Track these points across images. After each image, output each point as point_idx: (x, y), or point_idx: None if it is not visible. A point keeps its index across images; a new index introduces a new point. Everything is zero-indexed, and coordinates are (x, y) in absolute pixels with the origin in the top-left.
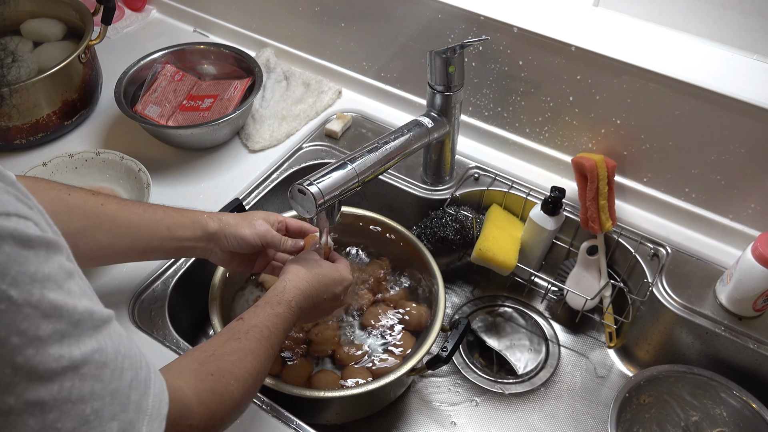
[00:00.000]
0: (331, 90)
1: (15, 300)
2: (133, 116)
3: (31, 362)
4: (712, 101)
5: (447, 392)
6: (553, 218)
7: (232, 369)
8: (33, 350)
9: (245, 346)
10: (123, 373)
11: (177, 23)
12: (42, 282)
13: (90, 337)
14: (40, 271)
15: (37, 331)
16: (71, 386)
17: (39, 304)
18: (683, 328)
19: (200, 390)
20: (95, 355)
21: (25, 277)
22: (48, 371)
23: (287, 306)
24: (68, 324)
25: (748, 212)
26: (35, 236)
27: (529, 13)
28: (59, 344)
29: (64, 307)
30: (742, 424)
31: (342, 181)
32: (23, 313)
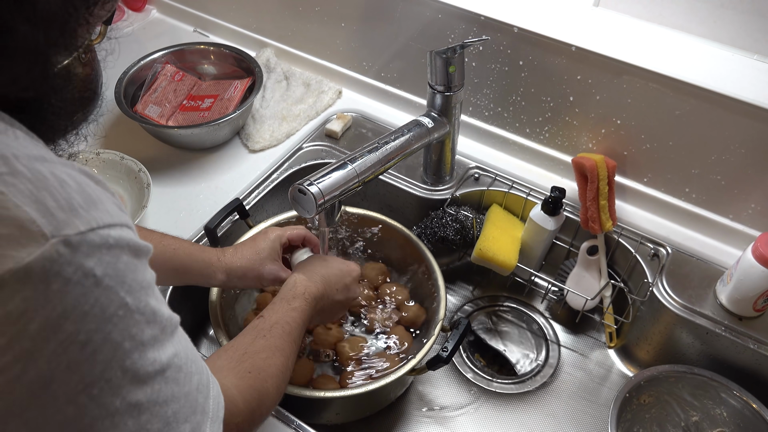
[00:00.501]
0: (332, 90)
1: (130, 306)
2: (133, 116)
3: (136, 365)
4: (712, 101)
5: (447, 392)
6: (553, 218)
7: (265, 366)
8: (138, 354)
9: (272, 343)
10: (192, 377)
11: (177, 23)
12: (146, 289)
13: (169, 342)
14: (145, 278)
15: (142, 336)
16: (159, 389)
17: (145, 311)
18: (683, 328)
19: (243, 388)
20: (175, 359)
21: (136, 284)
22: (146, 374)
23: (302, 299)
24: (159, 329)
25: (748, 212)
26: (143, 245)
27: (529, 13)
28: (153, 348)
29: (158, 312)
30: (743, 424)
31: (342, 181)
32: (134, 319)
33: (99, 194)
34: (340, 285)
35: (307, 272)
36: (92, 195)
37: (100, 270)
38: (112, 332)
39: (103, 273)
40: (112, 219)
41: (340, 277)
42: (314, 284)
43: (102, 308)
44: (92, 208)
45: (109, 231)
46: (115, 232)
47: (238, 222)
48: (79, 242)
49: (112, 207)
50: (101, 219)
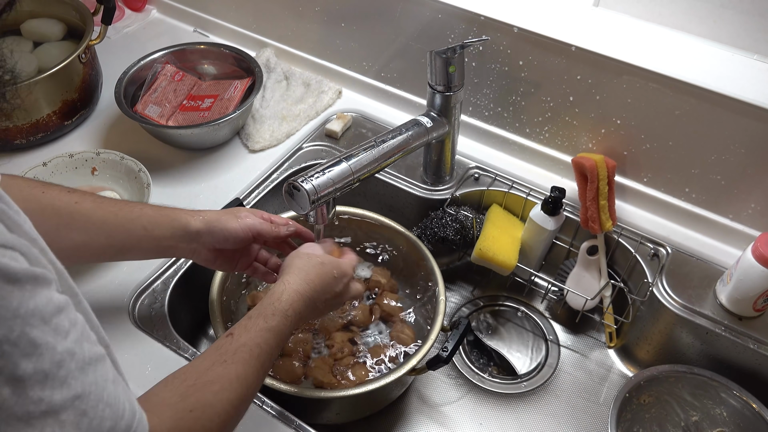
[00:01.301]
0: (331, 90)
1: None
2: (133, 116)
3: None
4: (712, 101)
5: (447, 392)
6: (553, 218)
7: (214, 402)
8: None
9: (231, 371)
10: (102, 423)
11: (177, 23)
12: (24, 318)
13: (74, 380)
14: (23, 306)
15: (15, 371)
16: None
17: (18, 342)
18: (683, 328)
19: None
20: (75, 402)
21: (7, 312)
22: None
23: (283, 316)
24: (50, 363)
25: (748, 212)
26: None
27: (529, 13)
28: (41, 386)
29: (45, 346)
30: (743, 424)
31: (337, 179)
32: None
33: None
34: (330, 294)
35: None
36: None
37: None
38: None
39: None
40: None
41: (332, 285)
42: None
43: None
44: None
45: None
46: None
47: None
48: None
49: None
50: None
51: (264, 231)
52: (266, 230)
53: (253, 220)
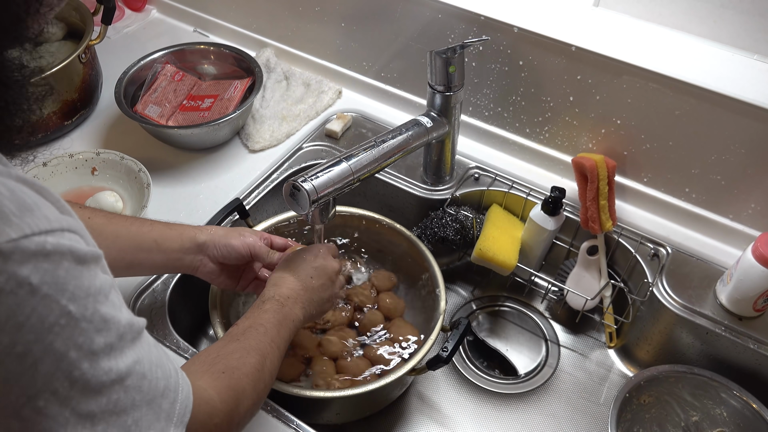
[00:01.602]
0: (331, 90)
1: (74, 315)
2: (133, 116)
3: (86, 376)
4: (712, 101)
5: (447, 392)
6: (553, 218)
7: (239, 365)
8: (87, 364)
9: (245, 344)
10: (157, 383)
11: (177, 23)
12: (94, 296)
13: (130, 348)
14: (93, 285)
15: (91, 345)
16: (117, 398)
17: (93, 318)
18: (683, 328)
19: (219, 388)
20: (136, 366)
21: (81, 291)
22: (99, 384)
23: (271, 301)
24: (115, 336)
25: (748, 212)
26: (88, 251)
27: (529, 13)
28: (108, 357)
29: (112, 320)
30: (743, 424)
31: (337, 179)
32: (80, 328)
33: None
34: (310, 270)
35: (274, 277)
36: (27, 201)
37: (36, 278)
38: (54, 342)
39: (40, 281)
40: (50, 225)
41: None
42: (281, 285)
43: (40, 318)
44: (26, 214)
45: (46, 237)
46: (53, 238)
47: (238, 222)
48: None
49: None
50: (36, 225)
51: (260, 254)
52: (262, 254)
53: (253, 240)
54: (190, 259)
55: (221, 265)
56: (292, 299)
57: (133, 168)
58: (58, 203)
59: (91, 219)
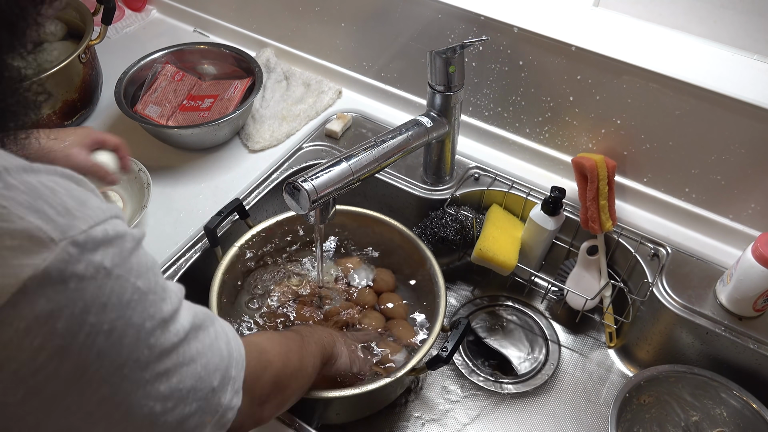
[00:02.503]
0: (331, 90)
1: (142, 289)
2: (133, 116)
3: (160, 340)
4: (712, 101)
5: (447, 392)
6: (553, 218)
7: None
8: (161, 330)
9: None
10: (209, 330)
11: (177, 23)
12: (152, 269)
13: (183, 308)
14: (148, 260)
15: (161, 314)
16: (184, 351)
17: (156, 289)
18: (683, 328)
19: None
20: (194, 320)
21: (143, 268)
22: (172, 346)
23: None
24: (177, 300)
25: (748, 212)
26: (139, 233)
27: (529, 13)
28: (173, 321)
29: (169, 289)
30: (743, 424)
31: (337, 179)
32: (149, 300)
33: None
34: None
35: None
36: (80, 197)
37: (108, 262)
38: (132, 316)
39: (111, 264)
40: (104, 214)
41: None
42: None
43: (118, 297)
44: (84, 208)
45: (105, 225)
46: (110, 225)
47: (238, 222)
48: (84, 240)
49: (99, 203)
50: (95, 216)
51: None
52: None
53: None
54: None
55: None
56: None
57: (133, 168)
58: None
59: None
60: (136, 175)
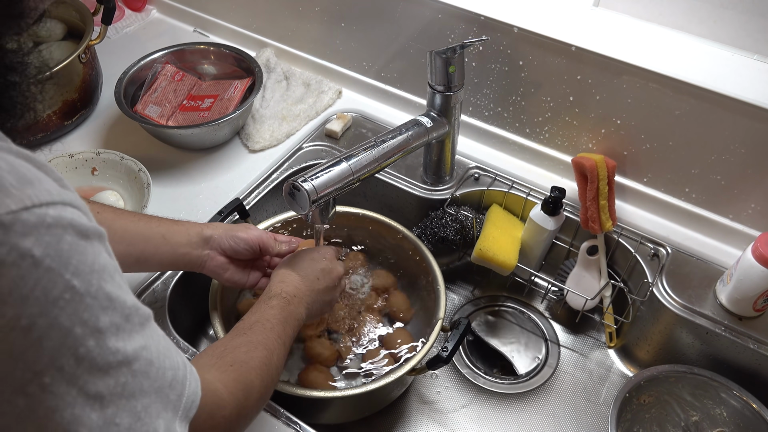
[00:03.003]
0: (331, 90)
1: (78, 290)
2: (133, 116)
3: (92, 354)
4: (712, 101)
5: (447, 392)
6: (553, 218)
7: (247, 359)
8: (93, 342)
9: (252, 338)
10: (165, 372)
11: (177, 23)
12: (99, 272)
13: (138, 333)
14: (97, 261)
15: (97, 323)
16: (125, 382)
17: (97, 295)
18: (683, 328)
19: (226, 381)
20: (143, 352)
21: (85, 266)
22: (106, 364)
23: (278, 297)
24: (121, 317)
25: (748, 212)
26: (90, 226)
27: (529, 13)
28: (116, 337)
29: (117, 299)
30: (743, 424)
31: (337, 179)
32: (85, 303)
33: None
34: (317, 272)
35: (280, 273)
36: (27, 175)
37: (38, 250)
38: (59, 317)
39: (42, 253)
40: (51, 197)
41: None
42: (288, 283)
43: (44, 291)
44: (27, 187)
45: (47, 210)
46: (54, 210)
47: (238, 222)
48: (11, 222)
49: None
50: (37, 197)
51: (268, 245)
52: (270, 244)
53: (260, 233)
54: (197, 253)
55: (228, 261)
56: (297, 298)
57: (133, 168)
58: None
59: (100, 214)
60: (136, 175)
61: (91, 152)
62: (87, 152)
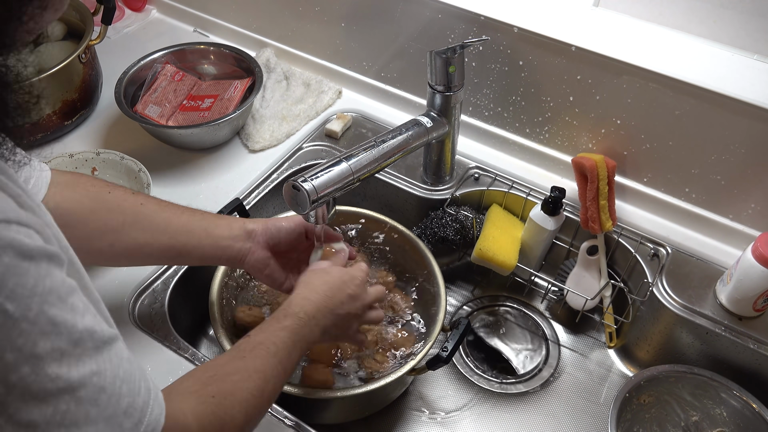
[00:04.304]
0: (331, 90)
1: (11, 314)
2: (133, 116)
3: (26, 381)
4: (712, 101)
5: (447, 392)
6: (553, 218)
7: (234, 390)
8: (28, 368)
9: (249, 365)
10: (120, 399)
11: (177, 23)
12: (42, 296)
13: (90, 358)
14: (41, 284)
15: (33, 349)
16: (66, 410)
17: (37, 320)
18: (683, 328)
19: (201, 414)
20: (93, 378)
21: (24, 290)
22: (42, 391)
23: (295, 318)
24: (68, 342)
25: (748, 212)
26: (36, 247)
27: (529, 13)
28: (58, 363)
29: (64, 324)
30: (743, 424)
31: (337, 179)
32: (19, 329)
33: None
34: (343, 296)
35: (305, 287)
36: None
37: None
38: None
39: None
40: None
41: (341, 287)
42: (311, 302)
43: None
44: None
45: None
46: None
47: None
48: None
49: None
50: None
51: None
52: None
53: (301, 219)
54: (239, 246)
55: (271, 252)
56: (315, 320)
57: (133, 168)
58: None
59: (144, 205)
60: (136, 175)
61: (91, 152)
62: (87, 152)
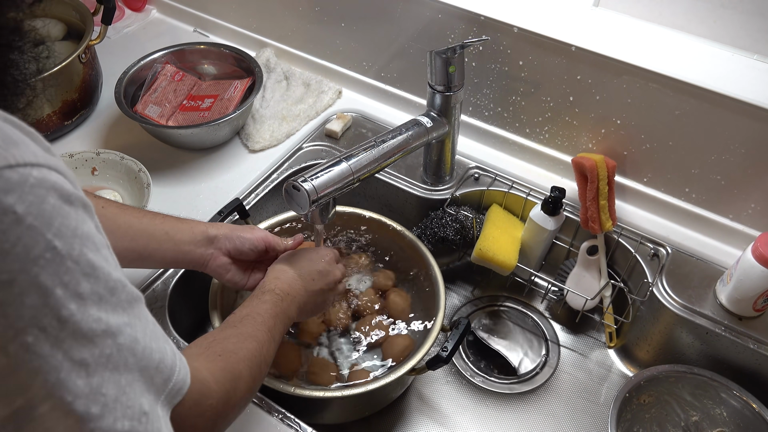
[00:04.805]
0: (331, 90)
1: (59, 251)
2: (133, 116)
3: (75, 318)
4: (712, 101)
5: (447, 392)
6: (553, 218)
7: (236, 349)
8: (75, 306)
9: (242, 330)
10: (152, 354)
11: (177, 23)
12: (82, 239)
13: (123, 310)
14: (80, 228)
15: (77, 287)
16: (110, 353)
17: (79, 260)
18: (683, 328)
19: (213, 370)
20: (128, 329)
21: (67, 230)
22: (90, 331)
23: (271, 293)
24: (105, 288)
25: (748, 212)
26: (75, 193)
27: (529, 13)
28: (97, 306)
29: (101, 270)
30: (743, 424)
31: (337, 179)
32: (66, 266)
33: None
34: (314, 273)
35: (277, 269)
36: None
37: (21, 208)
38: (40, 275)
39: (24, 211)
40: (36, 159)
41: (311, 265)
42: (283, 280)
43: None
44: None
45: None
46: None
47: (239, 222)
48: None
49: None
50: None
51: (274, 243)
52: (277, 242)
53: (265, 233)
54: (201, 252)
55: (230, 262)
56: (290, 296)
57: (133, 168)
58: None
59: (105, 208)
60: (136, 175)
61: (91, 152)
62: (87, 152)
